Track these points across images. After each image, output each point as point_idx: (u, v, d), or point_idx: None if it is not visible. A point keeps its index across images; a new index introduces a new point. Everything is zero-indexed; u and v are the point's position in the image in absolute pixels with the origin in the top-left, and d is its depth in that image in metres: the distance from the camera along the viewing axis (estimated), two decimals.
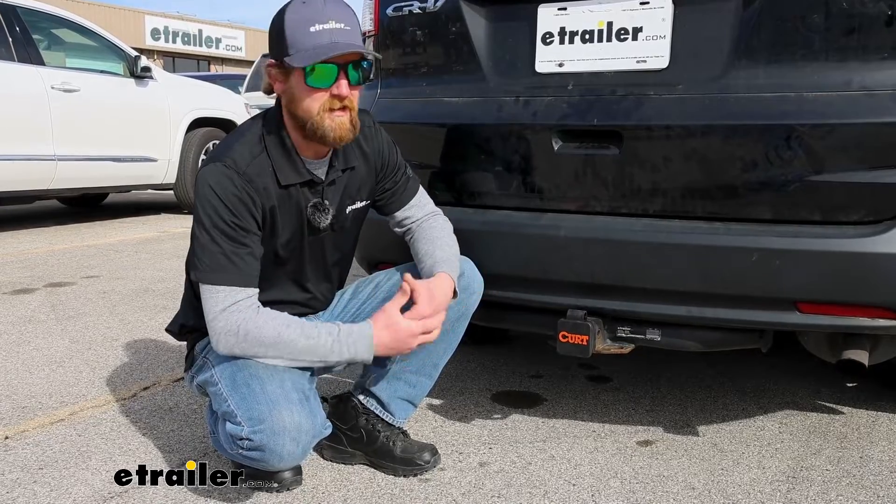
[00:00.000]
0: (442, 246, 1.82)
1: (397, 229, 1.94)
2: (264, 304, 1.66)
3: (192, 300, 1.83)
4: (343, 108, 1.64)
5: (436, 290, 1.70)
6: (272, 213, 1.69)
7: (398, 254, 1.98)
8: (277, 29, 1.62)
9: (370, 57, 1.65)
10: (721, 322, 1.78)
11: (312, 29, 1.58)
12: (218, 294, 1.60)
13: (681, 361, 2.64)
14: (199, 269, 1.63)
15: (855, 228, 1.62)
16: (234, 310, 1.60)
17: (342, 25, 1.60)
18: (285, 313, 1.65)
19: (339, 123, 1.64)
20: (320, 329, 1.63)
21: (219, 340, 1.62)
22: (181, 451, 1.97)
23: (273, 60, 1.65)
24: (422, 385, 1.90)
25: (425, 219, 1.91)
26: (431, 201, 1.95)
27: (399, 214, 1.92)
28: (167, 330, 1.94)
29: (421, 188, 1.95)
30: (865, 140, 1.59)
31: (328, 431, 1.73)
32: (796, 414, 2.21)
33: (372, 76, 2.25)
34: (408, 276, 1.70)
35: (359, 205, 1.86)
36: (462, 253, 1.86)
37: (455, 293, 1.77)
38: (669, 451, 1.98)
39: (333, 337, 1.61)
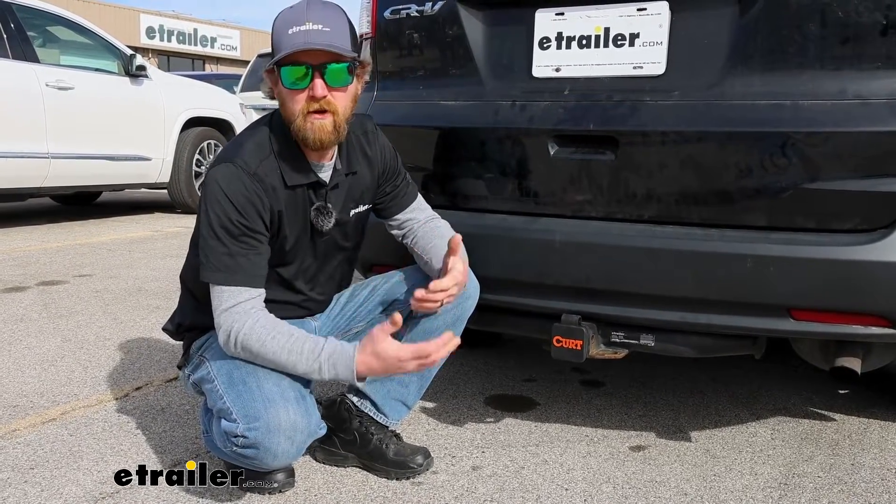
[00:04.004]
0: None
1: (397, 232, 1.94)
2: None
3: (188, 299, 1.84)
4: (322, 111, 1.62)
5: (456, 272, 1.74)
6: (280, 215, 1.69)
7: (395, 257, 1.98)
8: (272, 34, 1.65)
9: (346, 57, 1.61)
10: (714, 328, 1.78)
11: (290, 31, 1.60)
12: (222, 294, 1.61)
13: (674, 367, 2.65)
14: (205, 268, 1.63)
15: (849, 236, 1.63)
16: (234, 311, 1.60)
17: (320, 27, 1.59)
18: (282, 322, 1.64)
19: (318, 126, 1.62)
20: (305, 346, 1.61)
21: (221, 339, 1.64)
22: (173, 452, 1.96)
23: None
24: (415, 386, 1.90)
25: (427, 220, 1.91)
26: (429, 206, 1.95)
27: (401, 217, 1.92)
28: (164, 329, 1.94)
29: (419, 193, 1.95)
30: (860, 148, 1.60)
31: (323, 431, 1.73)
32: (788, 420, 2.22)
33: (368, 79, 2.25)
34: (397, 316, 1.60)
35: (361, 208, 1.86)
36: None
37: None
38: (662, 456, 1.98)
39: (315, 356, 1.60)
